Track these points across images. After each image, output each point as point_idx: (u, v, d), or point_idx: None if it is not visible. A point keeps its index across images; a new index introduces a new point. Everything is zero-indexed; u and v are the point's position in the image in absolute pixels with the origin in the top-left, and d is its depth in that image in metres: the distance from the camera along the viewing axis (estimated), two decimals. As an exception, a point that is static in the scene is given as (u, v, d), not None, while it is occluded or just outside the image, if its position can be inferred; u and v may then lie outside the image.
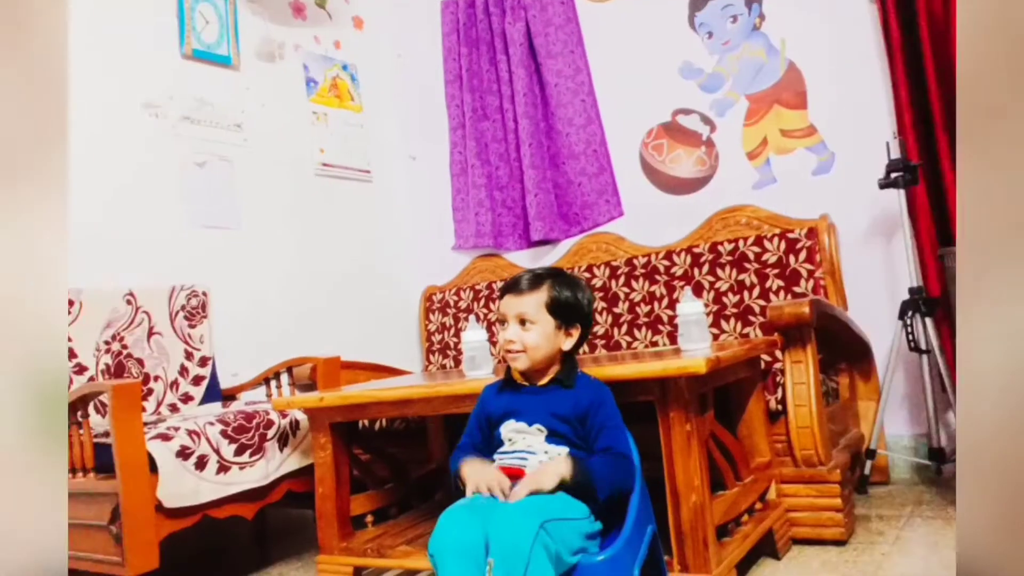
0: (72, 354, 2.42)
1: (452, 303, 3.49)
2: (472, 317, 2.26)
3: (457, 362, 3.34)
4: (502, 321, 1.60)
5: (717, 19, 3.03)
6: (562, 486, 1.42)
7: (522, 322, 1.57)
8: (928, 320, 2.37)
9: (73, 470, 2.17)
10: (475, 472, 1.49)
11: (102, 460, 2.10)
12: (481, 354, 2.05)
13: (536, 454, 1.54)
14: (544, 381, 1.59)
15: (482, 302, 3.38)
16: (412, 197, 3.79)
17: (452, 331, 3.44)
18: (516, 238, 3.46)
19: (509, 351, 1.57)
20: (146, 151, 2.78)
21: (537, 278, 1.61)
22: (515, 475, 1.53)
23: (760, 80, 2.94)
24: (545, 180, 3.33)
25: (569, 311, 1.58)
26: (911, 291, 2.40)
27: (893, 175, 2.41)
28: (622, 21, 3.23)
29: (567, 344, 1.59)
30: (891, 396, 2.57)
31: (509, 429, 1.58)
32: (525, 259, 3.45)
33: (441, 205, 3.69)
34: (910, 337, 2.39)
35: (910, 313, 2.39)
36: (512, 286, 1.61)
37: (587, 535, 1.45)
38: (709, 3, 3.04)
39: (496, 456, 1.58)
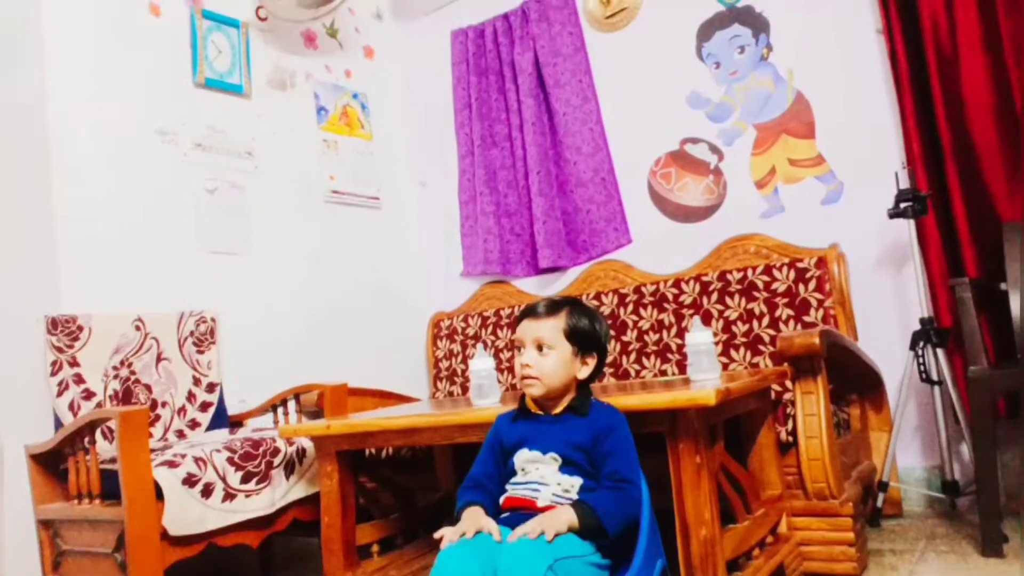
0: (80, 379, 2.42)
1: (460, 330, 3.48)
2: (480, 345, 2.25)
3: (464, 389, 3.33)
4: (519, 347, 1.60)
5: (724, 49, 3.05)
6: (571, 531, 1.39)
7: (539, 347, 1.56)
8: (940, 351, 2.35)
9: (79, 496, 2.17)
10: (467, 517, 1.47)
11: (108, 486, 2.09)
12: (488, 382, 2.04)
13: (548, 485, 1.52)
14: (559, 410, 1.58)
15: (490, 329, 3.37)
16: (421, 224, 3.81)
17: (460, 358, 3.43)
18: (524, 265, 3.46)
19: (525, 377, 1.56)
20: (158, 178, 2.79)
21: (555, 304, 1.61)
22: (525, 506, 1.51)
23: (768, 110, 2.95)
24: (553, 208, 3.34)
25: (586, 339, 1.58)
26: (922, 321, 2.39)
27: (902, 205, 2.40)
28: (630, 51, 3.26)
29: (583, 373, 1.58)
30: (903, 428, 2.54)
31: (523, 459, 1.57)
32: (533, 286, 3.45)
33: (450, 232, 3.70)
34: (922, 368, 2.37)
35: (921, 344, 2.37)
36: (530, 311, 1.61)
37: (597, 567, 1.43)
38: (716, 33, 3.06)
39: (508, 486, 1.56)
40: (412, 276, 3.73)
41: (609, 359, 2.99)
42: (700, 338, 1.89)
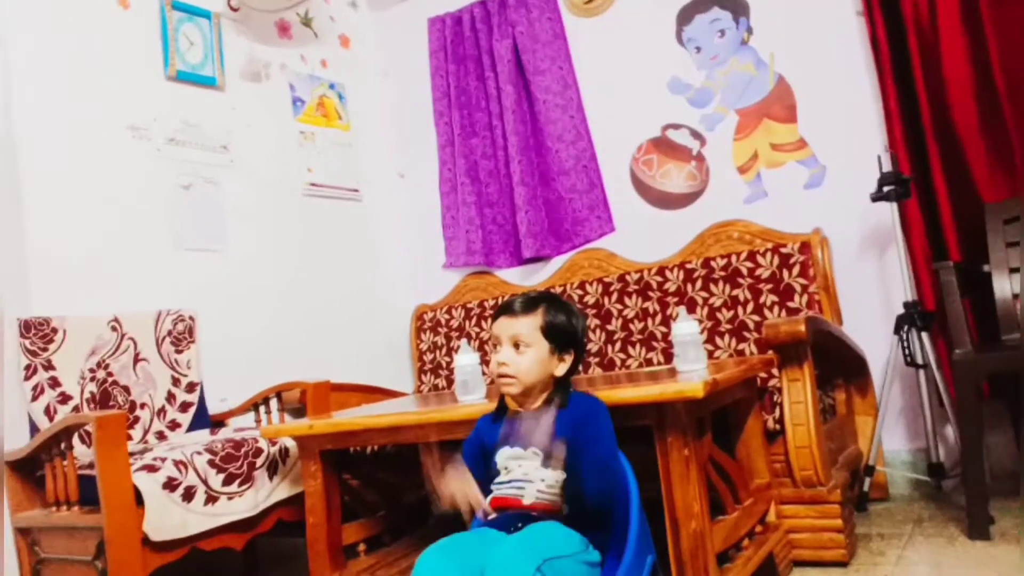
0: (56, 383, 2.36)
1: (444, 322, 3.45)
2: (464, 341, 2.22)
3: (450, 382, 3.30)
4: (495, 344, 1.57)
5: (705, 33, 3.01)
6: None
7: (516, 345, 1.54)
8: (924, 334, 2.35)
9: (57, 503, 2.12)
10: (455, 485, 1.46)
11: (86, 492, 2.04)
12: (473, 378, 2.01)
13: (532, 482, 1.50)
14: (537, 405, 1.56)
15: (474, 320, 3.34)
16: (402, 215, 3.75)
17: (444, 350, 3.40)
18: (507, 255, 3.43)
19: (502, 375, 1.54)
20: (131, 174, 2.72)
21: (532, 301, 1.58)
22: (512, 505, 1.49)
23: (749, 94, 2.92)
24: (535, 197, 3.30)
25: (564, 336, 1.55)
26: (906, 305, 2.38)
27: (885, 188, 2.39)
28: (609, 37, 3.21)
29: (560, 370, 1.55)
30: (888, 411, 2.54)
31: (504, 457, 1.55)
32: (517, 276, 3.41)
33: (431, 223, 3.65)
34: (906, 351, 2.37)
35: (906, 327, 2.37)
36: (506, 308, 1.58)
37: (588, 564, 1.41)
38: (696, 17, 3.02)
39: (493, 487, 1.54)
40: (394, 268, 3.68)
41: (595, 348, 2.97)
42: (686, 328, 1.87)
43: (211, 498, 2.09)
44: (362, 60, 3.74)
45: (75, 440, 2.15)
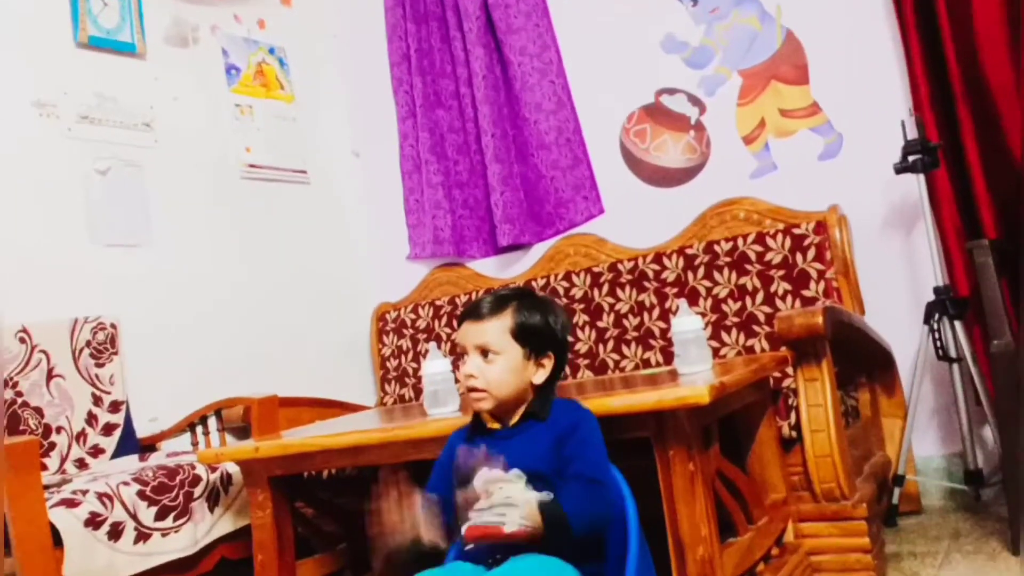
0: (-45, 406, 2.33)
1: (409, 322, 3.44)
2: (433, 344, 2.21)
3: (417, 392, 3.30)
4: (461, 353, 1.57)
5: (702, -16, 3.02)
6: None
7: (484, 353, 1.53)
8: (957, 323, 2.37)
9: (-40, 547, 2.09)
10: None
11: (-6, 534, 2.02)
12: (444, 388, 2.00)
13: (517, 507, 1.49)
14: (516, 419, 1.56)
15: (444, 320, 3.34)
16: (358, 200, 3.75)
17: (410, 355, 3.40)
18: (481, 244, 3.43)
19: (472, 389, 1.53)
20: (37, 159, 2.70)
21: (500, 300, 1.57)
22: (491, 535, 1.48)
23: (754, 53, 2.94)
24: (512, 175, 3.31)
25: (539, 338, 1.55)
26: (936, 291, 2.41)
27: (910, 158, 2.42)
28: (593, -12, 3.22)
29: (538, 377, 1.55)
30: (919, 412, 2.56)
31: (484, 480, 1.54)
32: (492, 268, 3.42)
33: (392, 208, 3.65)
34: (938, 344, 2.39)
35: (937, 316, 2.39)
36: (471, 312, 1.58)
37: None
38: (692, -35, 3.03)
39: (472, 513, 1.53)
40: (350, 262, 3.68)
41: (584, 349, 2.98)
42: (687, 324, 1.88)
43: (142, 535, 2.09)
44: (307, 20, 3.72)
45: (-21, 472, 2.13)
